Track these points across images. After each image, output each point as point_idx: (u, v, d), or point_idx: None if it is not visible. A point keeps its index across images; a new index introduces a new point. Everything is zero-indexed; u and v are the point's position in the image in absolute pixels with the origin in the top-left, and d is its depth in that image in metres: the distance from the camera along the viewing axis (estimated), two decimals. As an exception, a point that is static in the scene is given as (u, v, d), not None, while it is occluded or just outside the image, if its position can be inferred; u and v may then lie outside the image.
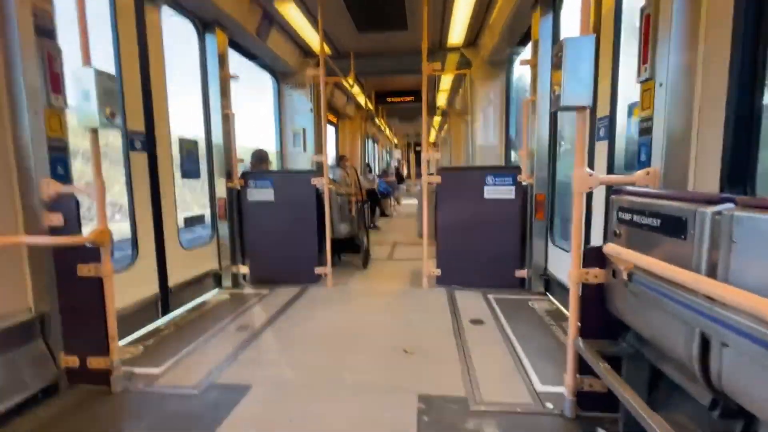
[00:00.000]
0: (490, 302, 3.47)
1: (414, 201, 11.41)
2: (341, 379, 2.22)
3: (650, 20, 1.76)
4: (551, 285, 3.63)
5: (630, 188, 1.64)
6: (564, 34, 3.44)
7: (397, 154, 19.12)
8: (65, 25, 2.15)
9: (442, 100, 9.09)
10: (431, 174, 3.91)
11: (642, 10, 1.83)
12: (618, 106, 2.44)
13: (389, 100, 9.36)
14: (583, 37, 1.61)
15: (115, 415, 1.95)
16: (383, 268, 4.92)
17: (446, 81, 7.49)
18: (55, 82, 2.09)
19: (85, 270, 2.06)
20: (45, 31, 2.05)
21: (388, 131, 14.87)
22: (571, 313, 1.83)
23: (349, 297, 3.75)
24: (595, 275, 1.73)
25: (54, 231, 2.06)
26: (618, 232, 1.61)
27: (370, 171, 11.67)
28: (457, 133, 9.19)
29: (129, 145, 2.96)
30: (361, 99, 8.68)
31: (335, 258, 5.01)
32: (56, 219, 2.05)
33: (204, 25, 3.83)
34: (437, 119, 12.33)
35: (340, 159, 7.42)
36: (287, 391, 2.11)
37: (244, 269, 4.17)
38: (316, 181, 3.95)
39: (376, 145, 16.08)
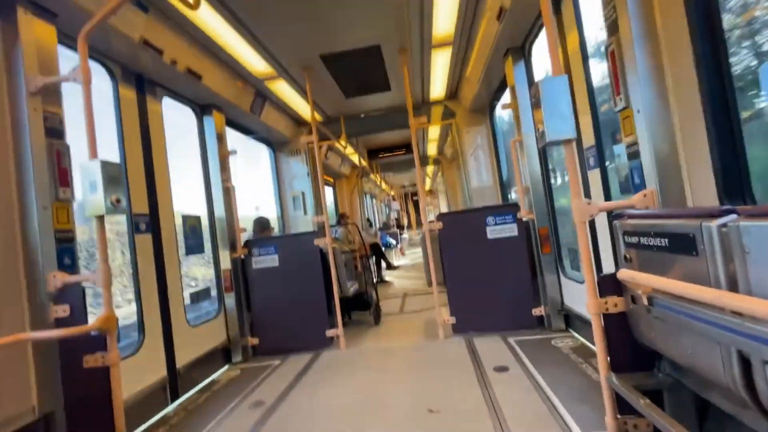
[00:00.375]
0: (511, 346, 3.32)
1: (418, 249, 11.36)
2: (366, 451, 2.06)
3: (615, 56, 1.89)
4: (572, 320, 3.50)
5: (631, 211, 1.65)
6: (537, 76, 3.67)
7: (396, 205, 19.41)
8: (73, 117, 2.30)
9: (432, 149, 9.44)
10: (431, 221, 3.94)
11: (606, 48, 1.97)
12: (602, 134, 2.54)
13: (381, 155, 9.71)
14: (556, 77, 1.72)
15: None
16: (396, 322, 4.77)
17: (434, 131, 7.84)
18: (63, 176, 2.18)
19: (91, 360, 2.00)
20: (54, 132, 2.18)
21: (384, 184, 15.23)
22: (598, 347, 1.75)
23: (364, 358, 3.59)
24: (615, 303, 1.67)
25: (59, 322, 2.03)
26: (628, 256, 1.59)
27: (371, 225, 11.76)
28: (452, 178, 9.42)
29: (134, 228, 3.02)
30: (355, 158, 9.01)
31: (346, 317, 4.88)
32: (62, 310, 2.04)
33: (202, 109, 4.09)
34: (430, 168, 12.69)
35: (341, 217, 7.51)
36: (309, 471, 1.94)
37: (253, 341, 4.04)
38: (319, 241, 3.97)
39: (374, 199, 16.38)
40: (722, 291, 1.05)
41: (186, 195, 4.11)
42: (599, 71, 2.56)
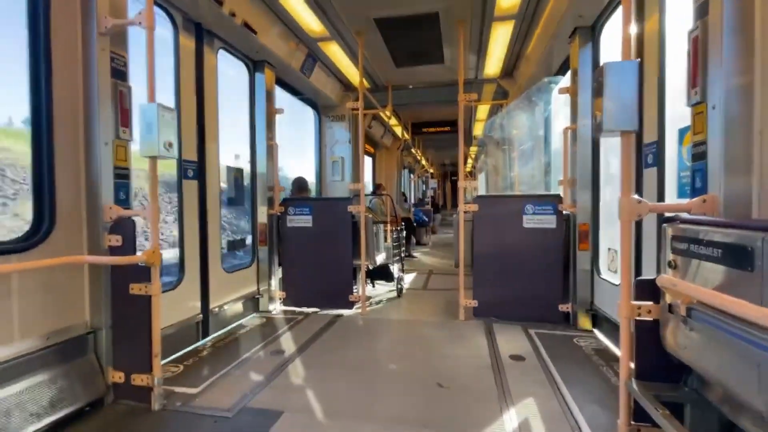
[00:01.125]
0: (531, 337, 3.28)
1: (450, 230, 11.27)
2: (374, 412, 2.15)
3: (698, 43, 1.69)
4: (599, 321, 3.38)
5: (685, 216, 1.53)
6: (604, 61, 3.38)
7: (433, 183, 19.16)
8: (134, 65, 2.42)
9: (479, 129, 9.12)
10: (468, 203, 3.87)
11: (689, 33, 1.77)
12: (666, 131, 2.33)
13: (425, 130, 9.52)
14: (626, 62, 1.58)
15: (153, 433, 1.99)
16: (418, 297, 4.83)
17: (483, 110, 7.54)
18: (124, 116, 2.32)
19: (136, 288, 2.19)
20: (119, 73, 2.31)
21: (424, 161, 15.02)
22: (622, 351, 1.69)
23: (382, 326, 3.69)
24: (648, 310, 1.59)
25: (113, 251, 2.22)
26: (674, 263, 1.49)
27: (406, 200, 11.73)
28: (495, 161, 9.11)
29: (182, 173, 3.20)
30: (398, 130, 8.89)
31: (370, 285, 5.00)
32: (115, 240, 2.23)
33: (254, 65, 4.15)
34: (474, 149, 12.31)
35: (377, 187, 7.54)
36: (318, 421, 2.07)
37: (281, 294, 4.25)
38: (352, 208, 4.03)
39: (412, 174, 16.25)
40: (774, 312, 0.96)
41: (231, 149, 4.27)
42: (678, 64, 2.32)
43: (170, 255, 3.61)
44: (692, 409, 1.50)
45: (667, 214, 1.67)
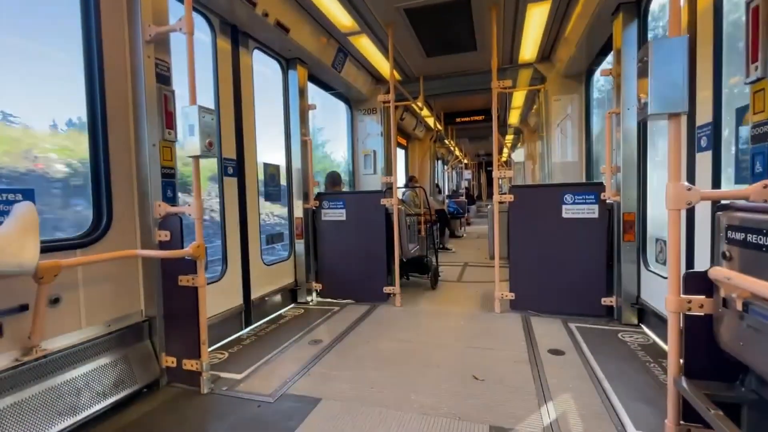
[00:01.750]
0: (571, 331, 3.17)
1: (485, 221, 11.03)
2: (409, 402, 2.18)
3: (758, 13, 1.54)
4: (646, 316, 3.20)
5: (742, 203, 1.41)
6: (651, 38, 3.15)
7: (468, 174, 18.77)
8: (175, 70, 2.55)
9: (514, 117, 8.81)
10: (503, 194, 3.77)
11: (747, 3, 1.61)
12: (723, 111, 2.15)
13: (458, 120, 9.33)
14: (674, 38, 1.46)
15: (202, 415, 2.13)
16: (452, 289, 4.79)
17: (518, 98, 7.27)
18: (168, 119, 2.47)
19: (184, 280, 2.35)
20: (163, 78, 2.45)
21: (457, 151, 14.75)
22: (670, 347, 1.59)
23: (417, 317, 3.71)
24: (700, 304, 1.49)
25: (162, 245, 2.39)
26: (728, 254, 1.38)
27: (440, 192, 11.60)
28: (532, 150, 8.78)
29: (223, 171, 3.35)
30: (431, 121, 8.77)
31: (404, 278, 5.02)
32: (164, 235, 2.39)
33: (287, 62, 4.25)
34: (509, 137, 11.92)
35: (410, 180, 7.52)
36: (355, 408, 2.13)
37: (317, 285, 4.38)
38: (385, 201, 4.05)
39: (445, 165, 16.02)
40: None
41: (267, 145, 4.41)
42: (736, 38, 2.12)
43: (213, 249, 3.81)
44: (749, 411, 1.39)
45: (722, 202, 1.55)
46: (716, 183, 2.20)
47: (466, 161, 18.06)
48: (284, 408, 2.15)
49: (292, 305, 4.21)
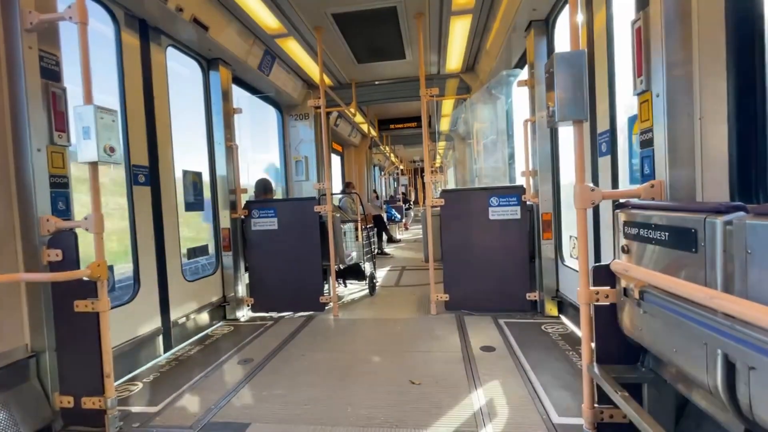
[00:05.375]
0: (501, 327, 3.33)
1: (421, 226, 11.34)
2: (345, 415, 2.10)
3: (641, 33, 1.75)
4: (564, 307, 3.48)
5: (635, 201, 1.57)
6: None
7: (404, 180, 19.23)
8: (72, 65, 2.24)
9: (445, 125, 9.20)
10: (435, 198, 3.88)
11: (632, 23, 1.82)
12: (618, 120, 2.41)
13: (393, 126, 9.49)
14: (573, 51, 1.60)
15: (108, 458, 1.85)
16: (391, 294, 4.81)
17: (448, 105, 7.60)
18: (59, 120, 2.14)
19: (81, 305, 2.03)
20: (50, 73, 2.12)
21: (393, 157, 15.03)
22: (583, 336, 1.72)
23: (354, 326, 3.64)
24: (606, 295, 1.63)
25: (52, 267, 2.05)
26: (626, 248, 1.53)
27: (377, 197, 11.70)
28: (462, 156, 9.23)
29: (132, 179, 3.01)
30: (365, 127, 8.82)
31: (342, 285, 4.93)
32: (55, 255, 2.05)
33: (208, 63, 3.97)
34: (442, 144, 12.43)
35: (346, 186, 7.46)
36: (288, 430, 2.00)
37: (249, 300, 4.11)
38: (319, 208, 3.94)
39: (382, 171, 16.24)
40: (715, 291, 1.00)
41: (187, 151, 4.07)
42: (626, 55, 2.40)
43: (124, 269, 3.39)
44: (649, 389, 1.55)
45: (620, 201, 1.72)
46: (615, 184, 2.46)
47: (402, 167, 18.48)
48: (207, 439, 1.95)
49: (220, 323, 3.90)
